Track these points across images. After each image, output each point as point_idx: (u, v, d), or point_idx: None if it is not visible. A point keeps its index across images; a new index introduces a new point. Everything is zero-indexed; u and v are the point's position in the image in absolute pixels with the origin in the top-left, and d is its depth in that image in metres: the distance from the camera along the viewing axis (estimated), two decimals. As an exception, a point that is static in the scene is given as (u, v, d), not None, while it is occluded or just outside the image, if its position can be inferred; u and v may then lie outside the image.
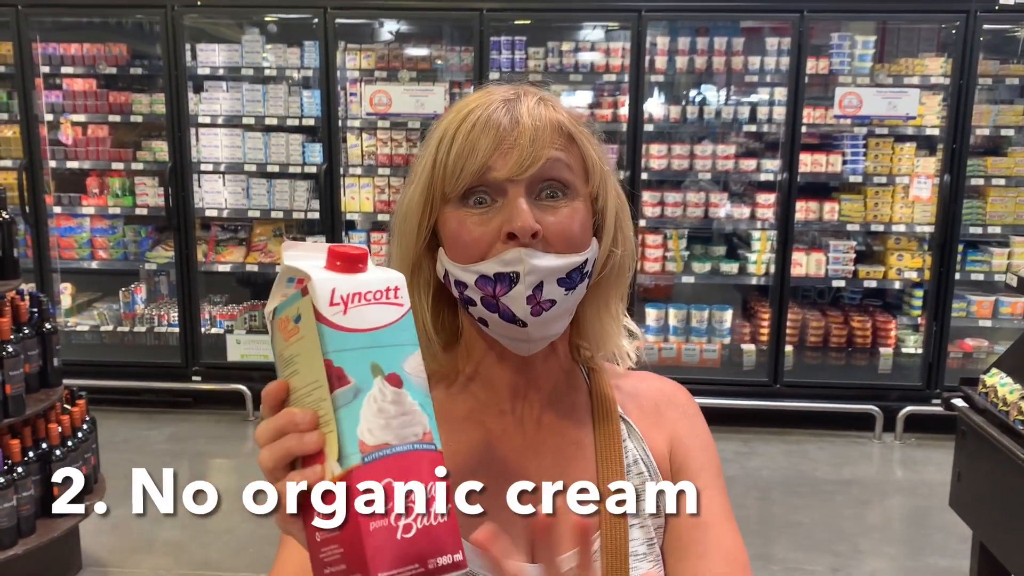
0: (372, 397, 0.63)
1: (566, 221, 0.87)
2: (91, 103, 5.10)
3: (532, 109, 0.87)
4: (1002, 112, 4.89)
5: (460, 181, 0.86)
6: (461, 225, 0.87)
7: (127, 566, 3.46)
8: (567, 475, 0.90)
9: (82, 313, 5.44)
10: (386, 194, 5.05)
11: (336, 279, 0.66)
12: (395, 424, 0.64)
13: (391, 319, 0.66)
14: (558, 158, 0.87)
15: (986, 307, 5.00)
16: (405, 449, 0.63)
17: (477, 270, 0.85)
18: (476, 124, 0.86)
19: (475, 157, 0.85)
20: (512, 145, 0.85)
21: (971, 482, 3.20)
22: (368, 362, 0.64)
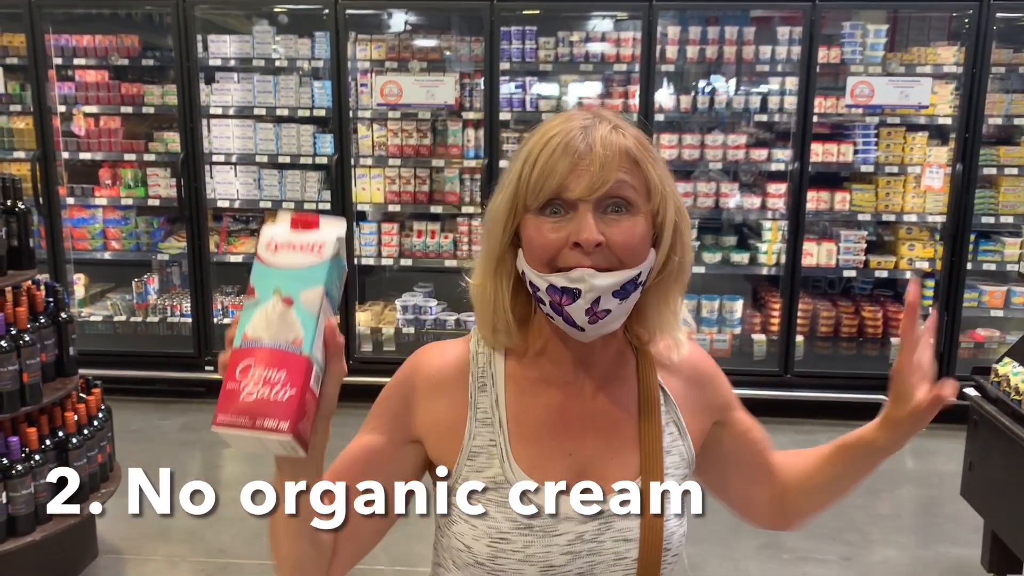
0: (264, 308, 0.87)
1: (626, 234, 1.03)
2: (103, 94, 5.13)
3: (605, 137, 1.03)
4: (1015, 101, 4.87)
5: (540, 196, 1.03)
6: (537, 231, 1.04)
7: (143, 553, 3.49)
8: (616, 436, 1.12)
9: (95, 304, 5.48)
10: (396, 185, 5.07)
11: (279, 232, 0.89)
12: (273, 328, 0.86)
13: (305, 263, 0.88)
14: (623, 180, 1.03)
15: (998, 297, 4.98)
16: (272, 345, 0.86)
17: (549, 280, 1.03)
18: (556, 148, 1.03)
19: (554, 177, 1.02)
20: (585, 169, 1.02)
21: (983, 471, 3.20)
22: (273, 286, 0.87)
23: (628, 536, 1.08)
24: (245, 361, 0.85)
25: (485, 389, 1.12)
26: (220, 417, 0.85)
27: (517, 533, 1.05)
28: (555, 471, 1.08)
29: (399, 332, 5.18)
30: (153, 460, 4.34)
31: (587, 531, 1.07)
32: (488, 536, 1.06)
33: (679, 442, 1.16)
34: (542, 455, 1.09)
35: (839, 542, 3.66)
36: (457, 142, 5.01)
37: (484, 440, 1.09)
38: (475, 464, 1.09)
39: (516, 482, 1.06)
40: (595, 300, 1.02)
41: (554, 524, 1.07)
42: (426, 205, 5.11)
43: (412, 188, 5.08)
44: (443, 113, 5.01)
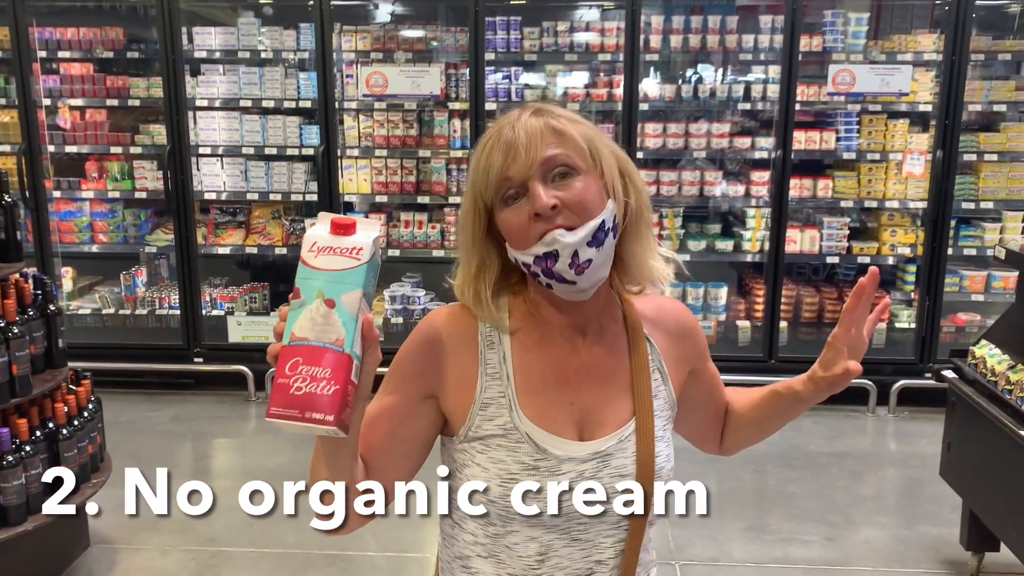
0: (309, 310, 0.97)
1: (578, 191, 1.17)
2: (88, 87, 5.12)
3: (527, 122, 1.19)
4: (995, 88, 4.92)
5: (490, 188, 1.19)
6: (508, 221, 1.19)
7: (134, 543, 3.52)
8: (611, 385, 1.27)
9: (83, 297, 5.49)
10: (383, 175, 5.09)
11: (322, 236, 0.99)
12: (318, 329, 0.97)
13: (345, 267, 0.98)
14: (554, 151, 1.17)
15: (978, 282, 5.06)
16: (318, 344, 0.97)
17: (532, 252, 1.17)
18: (493, 147, 1.20)
19: (495, 169, 1.18)
20: (517, 153, 1.17)
21: (961, 451, 3.26)
22: (316, 289, 0.97)
23: (624, 472, 1.22)
24: (294, 358, 0.96)
25: (493, 346, 1.25)
26: (273, 409, 0.96)
27: (525, 473, 1.19)
28: (558, 418, 1.23)
29: (387, 322, 5.21)
30: (143, 452, 4.37)
31: (587, 469, 1.21)
32: (499, 477, 1.20)
33: (662, 387, 1.30)
34: (546, 404, 1.23)
35: (822, 523, 3.72)
36: (443, 132, 5.04)
37: (494, 392, 1.23)
38: (486, 414, 1.22)
39: (524, 429, 1.21)
40: (573, 254, 1.15)
41: (557, 465, 1.21)
42: (413, 195, 5.13)
43: (399, 179, 5.10)
44: (429, 104, 5.03)
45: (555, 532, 1.21)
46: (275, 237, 5.26)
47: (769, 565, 3.41)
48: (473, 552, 1.25)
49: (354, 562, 3.41)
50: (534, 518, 1.20)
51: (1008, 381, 2.91)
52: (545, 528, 1.21)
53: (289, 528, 3.64)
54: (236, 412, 4.98)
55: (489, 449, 1.21)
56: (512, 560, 1.23)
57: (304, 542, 3.54)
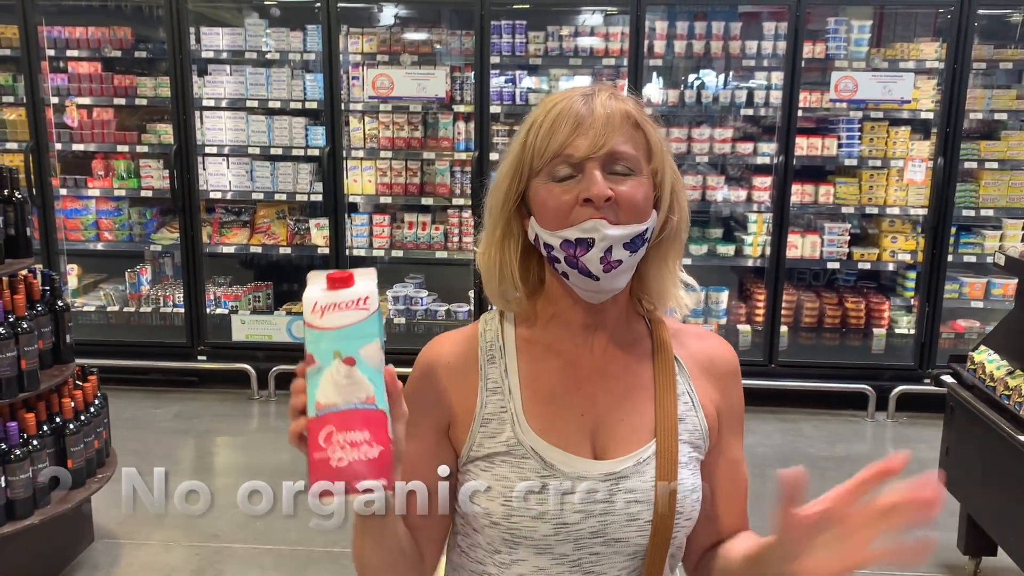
0: (329, 373, 0.90)
1: (633, 191, 1.08)
2: (96, 86, 5.16)
3: (605, 101, 1.10)
4: (996, 96, 4.96)
5: (545, 156, 1.09)
6: (549, 194, 1.09)
7: (138, 538, 3.55)
8: (628, 396, 1.16)
9: (88, 294, 5.52)
10: (388, 177, 5.12)
11: (321, 294, 0.92)
12: (343, 391, 0.90)
13: (356, 320, 0.91)
14: (625, 141, 1.09)
15: (978, 289, 5.09)
16: (348, 407, 0.90)
17: (562, 235, 1.08)
18: (560, 113, 1.09)
19: (558, 138, 1.08)
20: (588, 129, 1.07)
21: (959, 456, 3.29)
22: (332, 349, 0.91)
23: (640, 498, 1.10)
24: (326, 429, 0.89)
25: (494, 361, 1.17)
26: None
27: (531, 492, 1.10)
28: (568, 431, 1.12)
29: (390, 323, 5.24)
30: (146, 449, 4.39)
31: (599, 490, 1.10)
32: (503, 496, 1.10)
33: (692, 412, 1.17)
34: (555, 416, 1.13)
35: (820, 526, 3.74)
36: (448, 135, 5.07)
37: (495, 407, 1.14)
38: (488, 430, 1.13)
39: (529, 443, 1.11)
40: (607, 249, 1.07)
41: (566, 483, 1.10)
42: (417, 197, 5.17)
43: (403, 180, 5.14)
44: (434, 106, 5.06)
45: (565, 564, 1.11)
46: (279, 237, 5.29)
47: (768, 567, 3.43)
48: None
49: (356, 559, 3.43)
50: (540, 542, 1.10)
51: (1007, 387, 2.94)
52: (553, 557, 1.11)
53: (291, 525, 3.67)
54: (239, 410, 5.01)
55: (493, 467, 1.11)
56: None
57: (306, 539, 3.57)
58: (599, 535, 1.10)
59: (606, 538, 1.11)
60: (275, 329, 5.20)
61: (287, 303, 5.38)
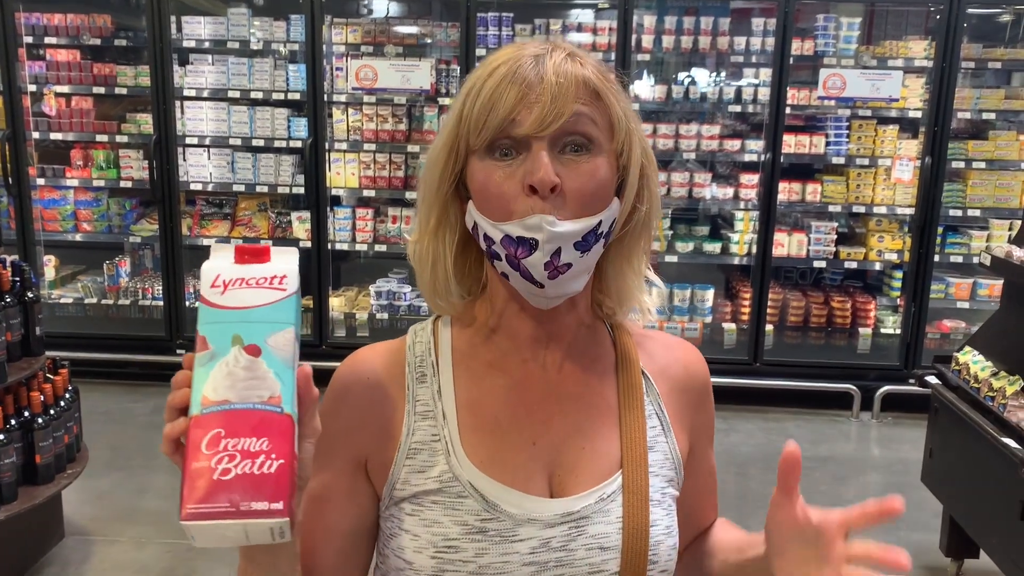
0: (225, 362, 0.71)
1: (585, 178, 0.88)
2: (75, 74, 5.07)
3: (559, 65, 0.88)
4: (984, 96, 4.93)
5: (483, 134, 0.88)
6: (488, 178, 0.89)
7: (109, 534, 3.48)
8: (589, 420, 0.96)
9: (66, 286, 5.43)
10: (371, 170, 5.06)
11: (225, 267, 0.75)
12: (240, 386, 0.71)
13: (267, 300, 0.74)
14: (582, 113, 0.88)
15: (964, 289, 5.07)
16: (244, 407, 0.70)
17: (504, 229, 0.88)
18: (503, 78, 0.87)
19: (499, 111, 0.87)
20: (536, 100, 0.86)
21: (942, 457, 3.26)
22: (231, 334, 0.72)
23: (605, 544, 0.91)
24: (212, 431, 0.69)
25: (424, 379, 0.96)
26: (189, 508, 0.67)
27: (468, 539, 0.88)
28: (515, 463, 0.92)
29: (373, 318, 5.18)
30: (123, 443, 4.33)
31: (554, 537, 0.90)
32: (433, 546, 0.89)
33: (662, 438, 0.99)
34: (500, 446, 0.93)
35: (803, 527, 3.71)
36: (433, 128, 5.01)
37: (425, 435, 0.93)
38: (415, 463, 0.92)
39: (467, 478, 0.90)
40: (555, 252, 0.87)
41: (513, 528, 0.89)
42: (401, 191, 5.11)
43: (387, 173, 5.07)
44: (419, 98, 5.00)
45: None
46: (261, 230, 5.22)
47: (749, 568, 3.39)
48: None
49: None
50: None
51: (991, 388, 2.91)
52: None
53: (267, 523, 3.61)
54: (218, 405, 4.93)
55: (422, 510, 0.90)
56: None
57: (282, 537, 3.51)
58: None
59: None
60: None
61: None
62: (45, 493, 3.05)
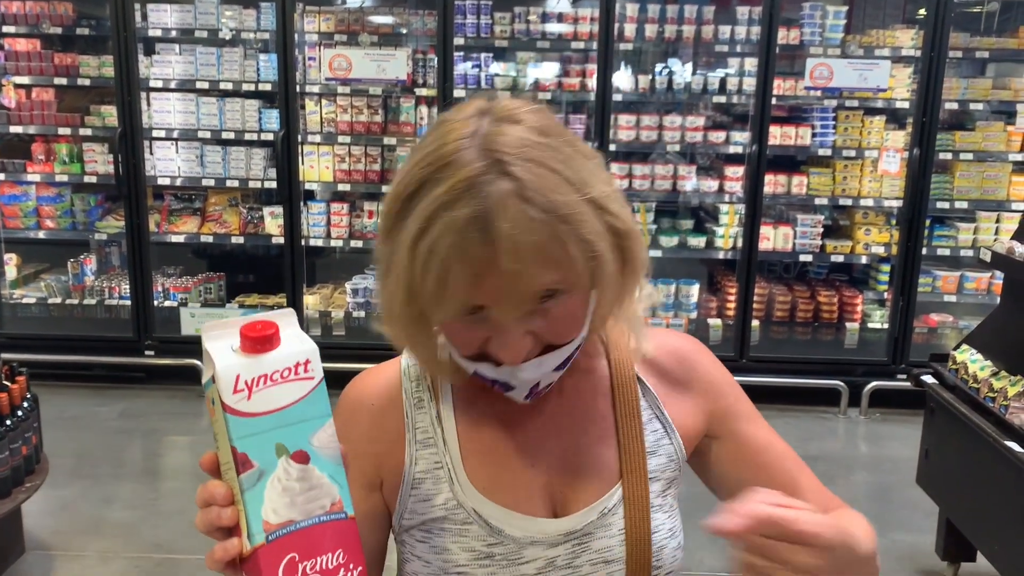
0: (276, 477, 0.66)
1: (559, 323, 0.84)
2: (35, 64, 4.87)
3: (510, 226, 0.75)
4: (971, 86, 4.85)
5: (442, 314, 0.82)
6: (451, 331, 0.85)
7: (73, 549, 3.31)
8: (585, 436, 0.97)
9: (28, 285, 5.23)
10: (346, 163, 4.89)
11: (242, 363, 0.67)
12: (300, 500, 0.67)
13: (298, 396, 0.67)
14: (548, 266, 0.78)
15: (951, 282, 5.00)
16: (311, 523, 0.67)
17: (475, 367, 0.87)
18: (444, 260, 0.77)
19: (456, 296, 0.79)
20: (494, 283, 0.77)
21: (939, 459, 3.17)
22: (273, 444, 0.66)
23: (610, 557, 0.93)
24: (286, 558, 0.66)
25: (422, 405, 0.96)
26: None
27: (477, 565, 0.91)
28: (516, 487, 0.94)
29: (349, 316, 5.03)
30: (89, 450, 4.15)
31: (559, 556, 0.92)
32: (444, 572, 0.92)
33: (665, 440, 0.99)
34: (501, 471, 0.94)
35: (794, 530, 3.62)
36: (410, 120, 4.86)
37: (428, 463, 0.94)
38: (420, 493, 0.94)
39: (471, 505, 0.92)
40: (534, 384, 0.88)
41: (519, 550, 0.91)
42: (377, 185, 4.95)
43: (363, 167, 4.91)
44: (395, 89, 4.84)
45: None
46: (232, 225, 5.04)
47: (741, 574, 3.29)
48: None
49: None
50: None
51: (991, 388, 2.82)
52: None
53: (240, 533, 3.46)
54: (189, 408, 4.76)
55: (431, 537, 0.93)
56: None
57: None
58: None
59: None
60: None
61: (240, 295, 5.14)
62: (4, 508, 2.88)
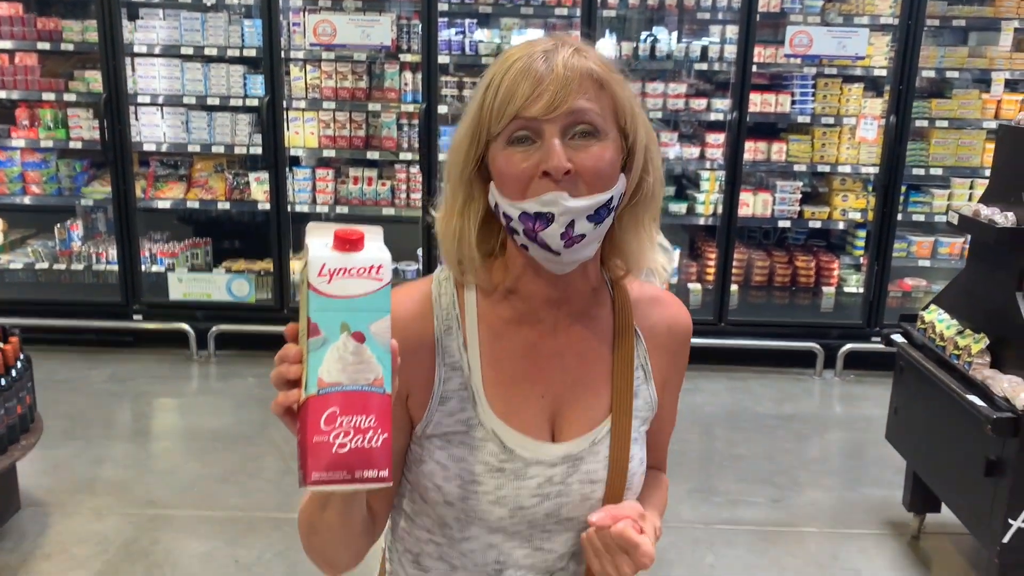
0: (336, 347, 0.83)
1: (594, 160, 1.02)
2: (17, 29, 4.85)
3: (567, 59, 1.02)
4: (948, 54, 4.93)
5: (502, 121, 1.02)
6: (507, 161, 1.02)
7: (68, 506, 3.40)
8: (587, 375, 1.14)
9: (15, 250, 5.25)
10: (331, 129, 4.93)
11: (330, 256, 0.84)
12: (350, 369, 0.83)
13: (367, 290, 0.84)
14: (587, 104, 1.01)
15: (926, 247, 5.11)
16: (355, 389, 0.83)
17: (521, 207, 1.02)
18: (518, 73, 1.01)
19: (515, 100, 1.00)
20: (546, 88, 1.00)
21: (907, 415, 3.29)
22: (339, 321, 0.83)
23: (594, 478, 1.11)
24: (329, 409, 0.82)
25: (451, 332, 1.11)
26: (315, 475, 0.82)
27: (489, 476, 1.07)
28: (528, 414, 1.10)
29: (335, 281, 5.08)
30: (79, 412, 4.22)
31: (556, 474, 1.09)
32: (460, 478, 1.07)
33: (644, 386, 1.17)
34: (517, 398, 1.10)
35: (769, 485, 3.75)
36: (394, 85, 4.89)
37: (454, 384, 1.09)
38: (446, 408, 1.09)
39: (490, 426, 1.08)
40: (569, 223, 1.01)
41: (524, 468, 1.08)
42: (362, 151, 4.99)
43: (348, 133, 4.95)
44: (380, 55, 4.87)
45: (516, 540, 1.11)
46: (217, 191, 5.07)
47: (717, 526, 3.42)
48: (424, 551, 1.16)
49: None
50: (495, 523, 1.09)
51: (956, 346, 2.93)
52: (506, 535, 1.11)
53: (231, 491, 3.55)
54: (177, 371, 4.83)
55: (450, 446, 1.09)
56: (467, 565, 1.13)
57: (247, 504, 3.45)
58: (553, 516, 1.11)
59: (559, 518, 1.11)
60: (214, 288, 5.01)
61: (226, 260, 5.18)
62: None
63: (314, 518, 1.03)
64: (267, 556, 3.13)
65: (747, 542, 3.33)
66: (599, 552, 1.04)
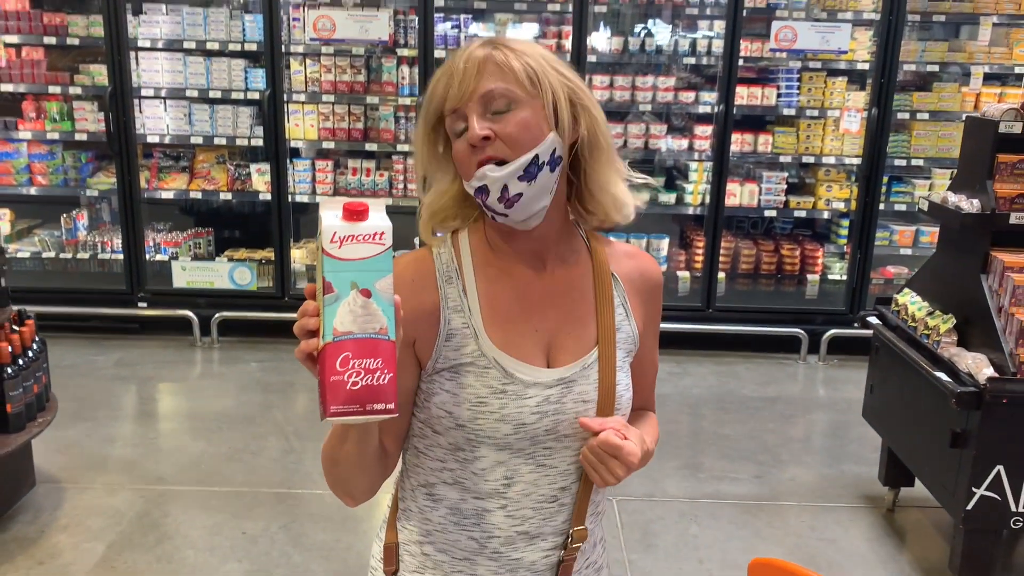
0: (347, 302, 0.98)
1: (513, 125, 1.17)
2: (24, 24, 4.97)
3: (472, 53, 1.20)
4: (929, 48, 5.09)
5: (431, 115, 1.23)
6: (456, 150, 1.22)
7: (81, 482, 3.55)
8: (574, 310, 1.30)
9: (22, 240, 5.39)
10: (331, 121, 5.07)
11: (340, 225, 0.98)
12: (360, 320, 0.98)
13: (372, 253, 0.99)
14: (493, 83, 1.18)
15: (907, 236, 5.27)
16: (364, 336, 0.98)
17: (471, 184, 1.20)
18: (441, 75, 1.22)
19: (437, 97, 1.22)
20: (459, 81, 1.19)
21: (881, 393, 3.45)
22: (349, 280, 0.98)
23: (586, 398, 1.27)
24: (343, 354, 0.97)
25: (451, 281, 1.27)
26: (333, 407, 0.97)
27: (493, 397, 1.23)
28: (525, 345, 1.26)
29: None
30: (87, 395, 4.36)
31: (552, 394, 1.25)
32: (468, 402, 1.23)
33: (625, 322, 1.33)
34: (513, 332, 1.26)
35: (752, 462, 3.91)
36: (392, 79, 5.03)
37: (458, 324, 1.25)
38: (452, 344, 1.24)
39: (492, 355, 1.24)
40: (503, 188, 1.17)
41: (524, 389, 1.24)
42: (360, 143, 5.13)
43: (346, 125, 5.09)
44: (377, 49, 5.00)
45: (521, 457, 1.25)
46: (220, 182, 5.22)
47: (701, 500, 3.58)
48: (439, 479, 1.29)
49: (302, 499, 3.49)
50: (501, 440, 1.24)
51: (927, 326, 3.09)
52: (512, 452, 1.25)
53: (237, 468, 3.71)
54: (181, 357, 4.98)
55: (458, 376, 1.24)
56: (479, 485, 1.27)
57: (253, 480, 3.60)
58: (552, 432, 1.26)
59: (557, 435, 1.26)
60: (217, 276, 5.15)
61: (228, 249, 5.33)
62: (16, 441, 3.11)
63: (335, 451, 1.19)
64: (273, 528, 3.28)
65: (730, 515, 3.49)
66: (594, 464, 1.22)
